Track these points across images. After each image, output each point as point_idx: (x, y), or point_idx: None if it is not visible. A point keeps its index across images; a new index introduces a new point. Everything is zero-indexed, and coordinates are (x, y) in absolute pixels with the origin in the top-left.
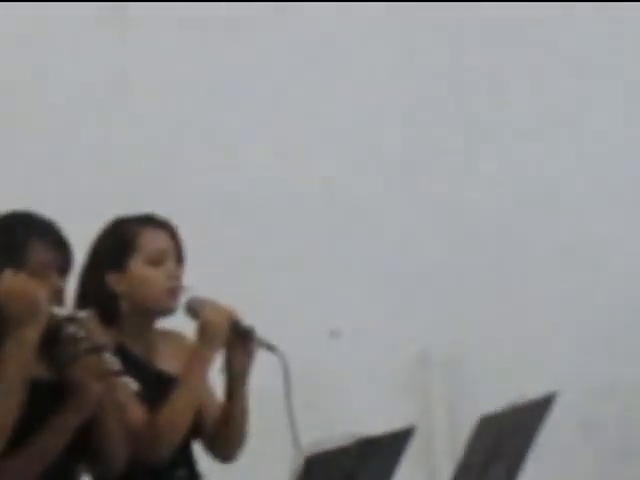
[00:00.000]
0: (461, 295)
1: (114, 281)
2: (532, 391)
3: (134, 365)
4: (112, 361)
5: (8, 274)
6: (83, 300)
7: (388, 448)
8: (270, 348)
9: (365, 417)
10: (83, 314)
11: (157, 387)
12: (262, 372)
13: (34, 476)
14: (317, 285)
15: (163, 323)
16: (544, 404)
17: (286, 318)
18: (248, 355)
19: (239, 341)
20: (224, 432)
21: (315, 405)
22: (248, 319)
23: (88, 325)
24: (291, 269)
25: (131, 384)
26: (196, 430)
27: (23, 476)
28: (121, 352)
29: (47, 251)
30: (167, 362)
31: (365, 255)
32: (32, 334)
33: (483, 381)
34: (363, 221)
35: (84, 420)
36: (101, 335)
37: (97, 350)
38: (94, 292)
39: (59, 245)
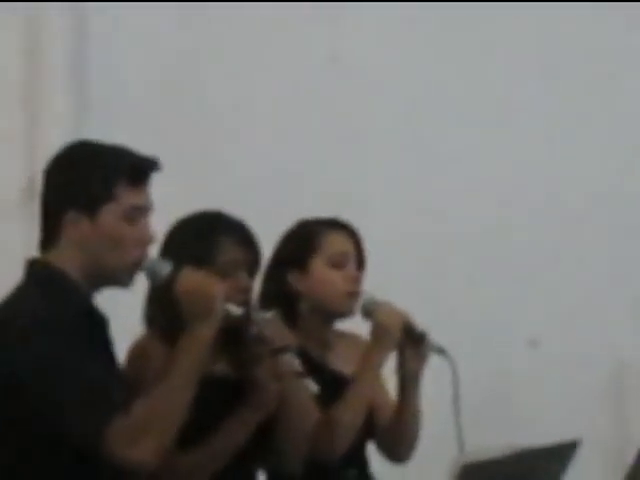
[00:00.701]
0: None
1: (295, 281)
2: None
3: (311, 366)
4: (294, 362)
5: (187, 271)
6: (266, 299)
7: (550, 461)
8: (441, 352)
9: (559, 429)
10: (268, 314)
11: (333, 388)
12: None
13: (211, 472)
14: (517, 292)
15: (341, 324)
16: None
17: (485, 325)
18: (420, 358)
19: (411, 344)
20: (396, 433)
21: (509, 414)
22: (444, 325)
23: (272, 326)
24: (491, 277)
25: (311, 386)
26: (369, 430)
27: (200, 472)
28: (300, 353)
29: (236, 250)
30: (343, 364)
31: (564, 263)
32: (206, 332)
33: None
34: (566, 229)
35: (261, 420)
36: (285, 336)
37: (280, 351)
38: (276, 291)
39: (248, 244)
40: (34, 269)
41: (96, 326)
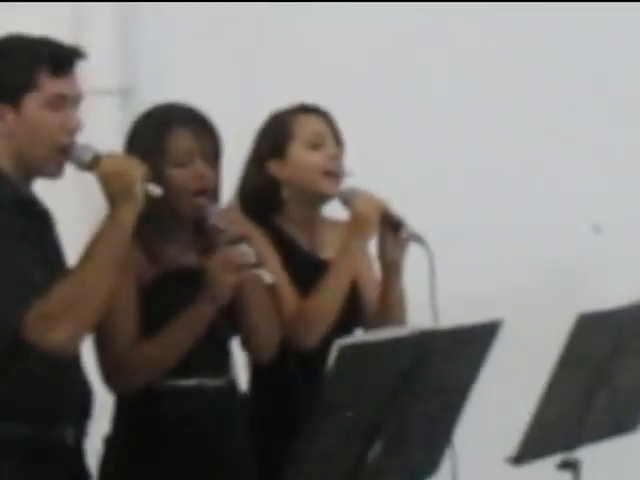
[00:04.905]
0: None
1: (276, 169)
2: None
3: (296, 254)
4: (248, 253)
5: (108, 155)
6: (246, 191)
7: (462, 345)
8: (418, 240)
9: None
10: (223, 205)
11: (320, 276)
12: None
13: (168, 362)
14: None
15: (328, 212)
16: None
17: (548, 212)
18: (400, 246)
19: (391, 232)
20: (382, 321)
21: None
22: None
23: (228, 216)
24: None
25: (266, 276)
26: (355, 318)
27: (159, 361)
28: (284, 241)
29: (189, 139)
30: (332, 251)
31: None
32: (125, 214)
33: None
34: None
35: (215, 310)
36: (241, 226)
37: (235, 242)
38: (256, 181)
39: (202, 131)
40: None
41: (29, 217)
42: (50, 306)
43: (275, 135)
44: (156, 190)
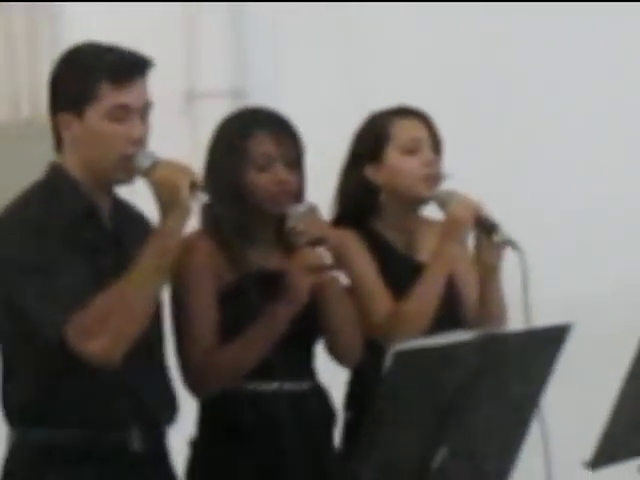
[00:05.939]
0: None
1: (372, 173)
2: None
3: (393, 257)
4: (325, 254)
5: (163, 162)
6: (345, 196)
7: (528, 349)
8: (512, 245)
9: None
10: (302, 207)
11: (416, 279)
12: None
13: (247, 365)
14: None
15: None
16: None
17: None
18: (496, 249)
19: (486, 236)
20: (482, 323)
21: None
22: None
23: (307, 219)
24: None
25: (341, 278)
26: (453, 320)
27: (238, 364)
28: (380, 244)
29: (270, 142)
30: (429, 253)
31: None
32: (172, 223)
33: None
34: None
35: (293, 313)
36: (321, 229)
37: (314, 244)
38: (354, 186)
39: (283, 136)
40: (47, 170)
41: (96, 227)
42: (87, 318)
43: (372, 138)
44: (203, 198)
